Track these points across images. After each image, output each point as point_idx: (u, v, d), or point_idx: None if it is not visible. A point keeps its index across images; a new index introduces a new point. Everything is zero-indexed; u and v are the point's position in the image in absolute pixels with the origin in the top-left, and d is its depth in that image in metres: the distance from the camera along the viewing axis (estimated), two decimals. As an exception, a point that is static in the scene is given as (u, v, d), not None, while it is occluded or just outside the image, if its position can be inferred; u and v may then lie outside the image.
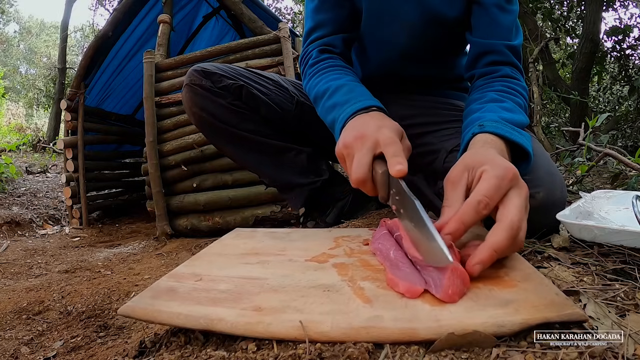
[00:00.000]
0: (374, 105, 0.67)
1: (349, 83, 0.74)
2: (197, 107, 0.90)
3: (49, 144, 5.64)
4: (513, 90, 0.69)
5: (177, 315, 0.39)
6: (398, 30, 0.82)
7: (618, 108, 4.62)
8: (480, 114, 0.62)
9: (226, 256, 0.57)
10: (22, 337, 0.76)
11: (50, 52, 15.24)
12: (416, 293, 0.39)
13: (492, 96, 0.67)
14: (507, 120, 0.59)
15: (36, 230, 2.17)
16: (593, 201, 0.70)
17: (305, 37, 0.87)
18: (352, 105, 0.67)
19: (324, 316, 0.36)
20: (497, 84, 0.70)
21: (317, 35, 0.84)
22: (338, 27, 0.84)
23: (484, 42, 0.75)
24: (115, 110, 2.93)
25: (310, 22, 0.85)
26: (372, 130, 0.58)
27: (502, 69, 0.73)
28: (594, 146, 1.29)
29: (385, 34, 0.84)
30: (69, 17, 7.68)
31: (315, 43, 0.84)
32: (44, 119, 10.35)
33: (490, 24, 0.74)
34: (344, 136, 0.61)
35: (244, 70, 0.93)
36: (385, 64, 0.89)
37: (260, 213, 1.63)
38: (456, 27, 0.81)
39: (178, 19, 2.76)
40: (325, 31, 0.84)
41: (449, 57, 0.92)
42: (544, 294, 0.37)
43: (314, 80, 0.79)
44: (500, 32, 0.74)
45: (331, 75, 0.77)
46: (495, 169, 0.45)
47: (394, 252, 0.48)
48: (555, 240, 0.58)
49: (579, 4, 4.41)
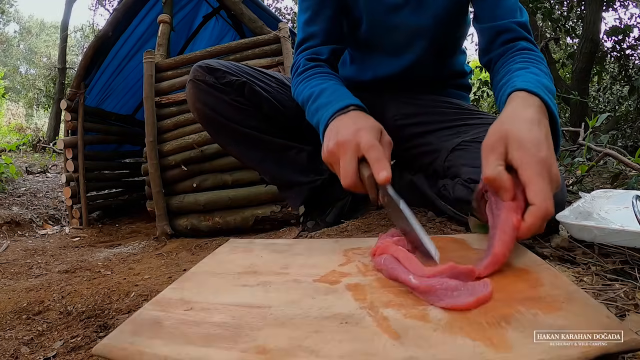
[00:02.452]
0: (351, 104, 0.68)
1: (331, 86, 0.76)
2: (200, 102, 0.91)
3: (49, 144, 5.64)
4: (534, 60, 0.69)
5: (163, 359, 0.33)
6: (406, 37, 0.85)
7: (618, 108, 4.62)
8: (510, 82, 0.61)
9: (220, 276, 0.50)
10: (22, 337, 0.75)
11: (50, 52, 15.23)
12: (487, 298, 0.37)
13: (517, 67, 0.67)
14: (538, 82, 0.58)
15: (36, 230, 2.16)
16: (593, 201, 0.70)
17: (296, 48, 0.91)
18: (332, 106, 0.69)
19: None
20: (517, 57, 0.71)
21: (307, 46, 0.87)
22: (327, 39, 0.87)
23: (493, 24, 0.76)
24: (115, 110, 2.93)
25: (301, 34, 0.89)
26: (350, 134, 0.59)
27: (518, 43, 0.74)
28: (594, 146, 1.28)
29: (393, 41, 0.87)
30: (69, 17, 7.68)
31: (304, 53, 0.87)
32: (44, 119, 10.35)
33: (495, 7, 0.76)
34: (325, 143, 0.63)
35: (247, 68, 0.94)
36: (390, 68, 0.91)
37: (260, 213, 1.62)
38: (461, 25, 0.83)
39: (178, 19, 2.76)
40: (314, 42, 0.87)
41: (450, 54, 0.92)
42: (594, 318, 0.33)
43: (301, 87, 0.82)
44: (507, 13, 0.75)
45: (316, 81, 0.79)
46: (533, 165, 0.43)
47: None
48: (554, 241, 0.58)
49: (579, 4, 4.41)
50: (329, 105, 0.70)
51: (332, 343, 0.32)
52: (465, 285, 0.38)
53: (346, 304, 0.39)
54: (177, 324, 0.38)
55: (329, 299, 0.41)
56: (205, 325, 0.37)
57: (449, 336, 0.32)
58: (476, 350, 0.30)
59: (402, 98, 0.91)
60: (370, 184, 0.56)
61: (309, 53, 0.86)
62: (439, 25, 0.82)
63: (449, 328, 0.34)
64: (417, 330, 0.33)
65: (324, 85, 0.76)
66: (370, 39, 0.89)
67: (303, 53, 0.87)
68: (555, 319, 0.33)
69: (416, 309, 0.37)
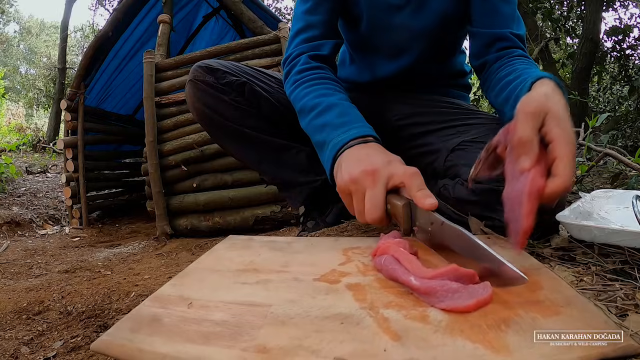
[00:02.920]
0: (370, 135, 0.65)
1: (341, 103, 0.72)
2: (200, 102, 0.91)
3: (49, 144, 5.64)
4: (535, 66, 0.69)
5: (162, 357, 0.33)
6: (406, 38, 0.84)
7: (618, 108, 4.61)
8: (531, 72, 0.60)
9: (220, 273, 0.49)
10: (22, 337, 0.76)
11: (50, 52, 15.23)
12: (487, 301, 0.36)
13: (523, 67, 0.66)
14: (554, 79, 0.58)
15: (36, 230, 2.17)
16: (593, 201, 0.70)
17: (293, 36, 0.86)
18: (348, 131, 0.65)
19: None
20: (518, 62, 0.70)
21: (308, 36, 0.83)
22: (329, 32, 0.84)
23: (490, 31, 0.76)
24: (115, 110, 2.93)
25: (300, 22, 0.84)
26: (381, 164, 0.56)
27: (515, 51, 0.74)
28: (594, 146, 1.28)
29: (393, 42, 0.86)
30: (69, 17, 7.68)
31: (304, 46, 0.83)
32: (44, 119, 10.35)
33: (493, 13, 0.75)
34: (349, 170, 0.58)
35: (247, 68, 0.94)
36: (390, 69, 0.91)
37: (260, 213, 1.63)
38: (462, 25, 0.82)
39: (178, 19, 2.76)
40: (316, 32, 0.83)
41: (450, 54, 0.93)
42: (593, 322, 0.33)
43: (301, 90, 0.78)
44: (504, 21, 0.75)
45: (321, 90, 0.76)
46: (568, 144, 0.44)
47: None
48: (554, 241, 0.58)
49: (579, 4, 4.41)
50: (343, 129, 0.66)
51: (333, 343, 0.32)
52: (465, 288, 0.38)
53: (346, 304, 0.39)
54: (177, 322, 0.37)
55: (329, 299, 0.40)
56: (205, 323, 0.37)
57: (449, 338, 0.32)
58: (476, 352, 0.30)
59: (402, 98, 0.91)
60: (406, 215, 0.53)
61: (310, 47, 0.82)
62: (439, 26, 0.82)
63: (449, 330, 0.34)
64: (417, 332, 0.33)
65: (332, 99, 0.73)
66: (369, 39, 0.89)
67: (303, 45, 0.83)
68: (554, 322, 0.34)
69: (416, 310, 0.37)
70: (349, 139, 0.63)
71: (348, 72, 1.01)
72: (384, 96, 0.94)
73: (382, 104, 0.94)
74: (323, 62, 0.83)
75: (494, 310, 0.36)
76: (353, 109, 0.72)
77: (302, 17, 0.85)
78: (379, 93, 0.95)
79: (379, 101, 0.95)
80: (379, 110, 0.96)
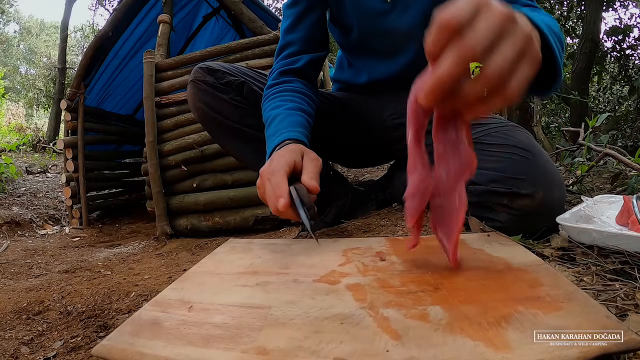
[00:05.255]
0: (289, 139, 0.70)
1: (283, 112, 0.77)
2: (201, 102, 0.93)
3: (49, 144, 5.63)
4: (536, 9, 0.65)
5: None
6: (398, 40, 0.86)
7: (618, 108, 4.62)
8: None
9: (220, 276, 0.50)
10: (22, 337, 0.75)
11: (50, 52, 15.24)
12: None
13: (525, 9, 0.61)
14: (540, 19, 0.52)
15: (36, 230, 2.16)
16: (594, 206, 0.70)
17: (276, 54, 0.92)
18: (274, 140, 0.71)
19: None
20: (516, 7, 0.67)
21: (286, 53, 0.89)
22: (306, 47, 0.88)
23: None
24: (115, 110, 2.93)
25: (281, 40, 0.90)
26: (284, 157, 0.63)
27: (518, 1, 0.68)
28: (594, 146, 1.28)
29: (386, 45, 0.88)
30: (69, 17, 7.68)
31: (282, 62, 0.89)
32: (44, 119, 10.36)
33: None
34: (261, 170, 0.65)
35: (246, 69, 0.97)
36: (385, 70, 0.92)
37: (260, 213, 1.62)
38: None
39: (178, 19, 2.76)
40: (294, 49, 0.88)
41: None
42: (594, 318, 0.33)
43: (265, 104, 0.84)
44: None
45: (276, 102, 0.81)
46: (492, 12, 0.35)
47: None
48: (554, 241, 0.58)
49: (579, 4, 4.41)
50: (273, 138, 0.72)
51: (333, 344, 0.32)
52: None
53: (346, 304, 0.39)
54: (177, 325, 0.38)
55: (329, 299, 0.41)
56: (206, 326, 0.37)
57: (449, 336, 0.32)
58: (477, 350, 0.30)
59: (398, 97, 0.92)
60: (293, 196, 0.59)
61: (285, 64, 0.88)
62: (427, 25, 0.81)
63: (450, 328, 0.34)
64: (417, 330, 0.34)
65: (277, 111, 0.78)
66: (363, 45, 0.91)
67: (281, 62, 0.89)
68: (555, 318, 0.34)
69: (416, 309, 0.38)
70: (273, 146, 0.70)
71: (346, 75, 1.02)
72: (381, 97, 0.95)
73: (378, 104, 0.95)
74: (293, 74, 0.87)
75: (495, 307, 0.36)
76: (292, 116, 0.76)
77: (283, 35, 0.90)
78: (375, 93, 0.96)
79: (377, 102, 0.96)
80: (375, 110, 0.97)
